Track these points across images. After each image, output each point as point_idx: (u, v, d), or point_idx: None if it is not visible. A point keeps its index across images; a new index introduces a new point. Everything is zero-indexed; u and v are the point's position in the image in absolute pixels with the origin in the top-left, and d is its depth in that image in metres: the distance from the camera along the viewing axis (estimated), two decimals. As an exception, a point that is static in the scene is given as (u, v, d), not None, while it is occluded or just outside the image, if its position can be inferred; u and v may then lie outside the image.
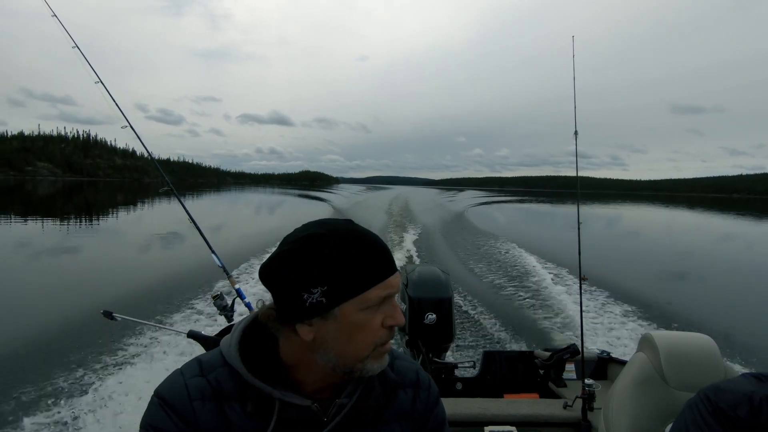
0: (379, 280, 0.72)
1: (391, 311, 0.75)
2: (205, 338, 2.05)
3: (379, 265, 0.73)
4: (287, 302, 0.72)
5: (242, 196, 57.36)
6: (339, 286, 0.70)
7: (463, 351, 5.02)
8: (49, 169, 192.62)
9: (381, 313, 0.74)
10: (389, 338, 0.76)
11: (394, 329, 0.77)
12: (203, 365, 0.78)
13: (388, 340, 0.76)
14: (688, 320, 6.64)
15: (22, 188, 58.96)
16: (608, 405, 1.41)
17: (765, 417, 0.77)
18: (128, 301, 6.68)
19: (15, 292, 7.62)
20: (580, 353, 2.52)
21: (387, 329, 0.75)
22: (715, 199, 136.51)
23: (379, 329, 0.74)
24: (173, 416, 0.73)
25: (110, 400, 3.66)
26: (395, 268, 0.76)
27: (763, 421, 0.77)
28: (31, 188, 59.63)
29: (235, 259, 8.94)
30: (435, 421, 0.91)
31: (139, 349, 4.63)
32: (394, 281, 0.74)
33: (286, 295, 0.72)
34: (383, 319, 0.74)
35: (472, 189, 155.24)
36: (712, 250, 17.41)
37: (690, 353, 1.40)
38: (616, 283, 8.47)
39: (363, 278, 0.71)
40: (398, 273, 0.76)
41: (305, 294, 0.70)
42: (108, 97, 2.73)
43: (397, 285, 0.75)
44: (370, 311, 0.72)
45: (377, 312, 0.73)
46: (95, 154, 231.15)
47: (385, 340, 0.76)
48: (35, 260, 10.80)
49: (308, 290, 0.70)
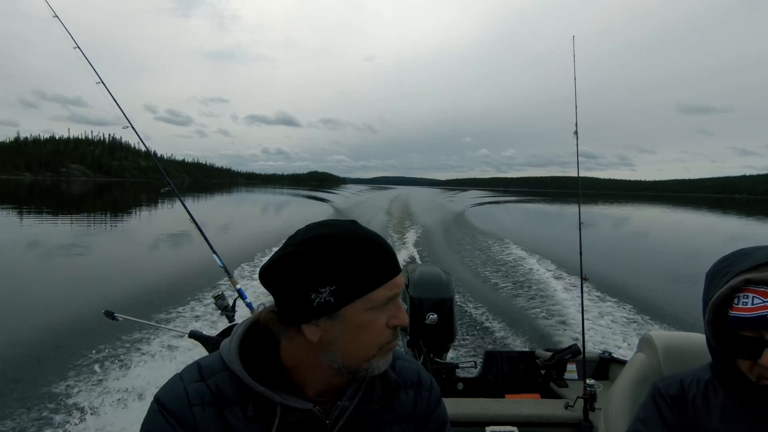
0: (386, 280, 0.73)
1: (395, 311, 0.75)
2: (206, 338, 2.05)
3: (385, 266, 0.74)
4: (294, 303, 0.72)
5: (250, 197, 57.67)
6: (347, 286, 0.70)
7: (465, 351, 5.02)
8: (81, 171, 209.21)
9: (386, 313, 0.74)
10: (394, 338, 0.77)
11: (398, 329, 0.77)
12: (203, 370, 0.77)
13: (393, 340, 0.77)
14: (688, 321, 6.62)
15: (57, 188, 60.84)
16: (608, 406, 1.41)
17: (692, 394, 0.95)
18: (130, 301, 6.69)
19: (16, 292, 7.64)
20: (582, 353, 2.51)
21: (391, 329, 0.75)
22: (716, 200, 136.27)
23: (384, 329, 0.74)
24: (173, 422, 0.72)
25: (111, 400, 3.66)
26: (400, 268, 0.77)
27: (690, 398, 0.94)
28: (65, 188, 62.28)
29: (236, 259, 8.96)
30: (436, 422, 0.91)
31: (141, 349, 4.63)
32: (400, 281, 0.75)
33: (293, 296, 0.71)
34: (388, 319, 0.74)
35: (476, 189, 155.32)
36: (714, 251, 17.35)
37: (689, 354, 1.40)
38: (617, 284, 8.47)
39: (370, 278, 0.72)
40: (402, 273, 0.77)
41: (313, 294, 0.70)
42: (109, 97, 2.73)
43: (402, 285, 0.76)
44: (375, 311, 0.73)
45: (382, 312, 0.74)
46: (121, 156, 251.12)
47: (390, 340, 0.76)
48: (39, 260, 10.83)
49: (316, 290, 0.69)
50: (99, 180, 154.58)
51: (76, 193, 50.21)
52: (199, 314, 5.83)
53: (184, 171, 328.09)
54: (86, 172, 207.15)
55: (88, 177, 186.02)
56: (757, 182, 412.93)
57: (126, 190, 58.73)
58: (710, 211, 49.38)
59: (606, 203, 63.74)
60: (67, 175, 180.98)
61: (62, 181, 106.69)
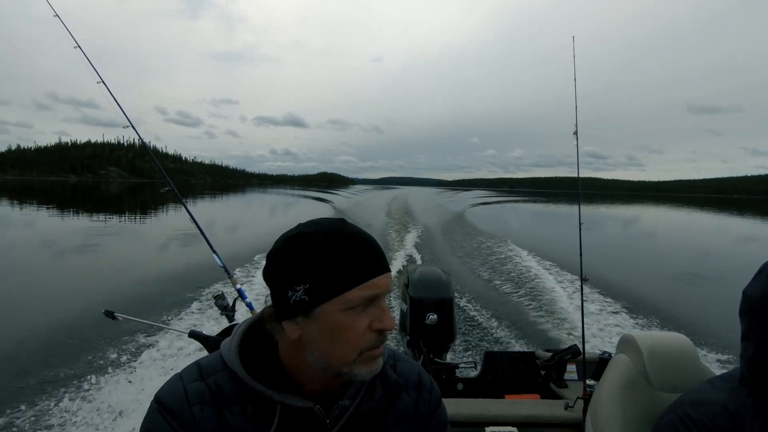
0: (362, 281, 0.70)
1: (378, 314, 0.72)
2: (206, 338, 2.05)
3: (362, 265, 0.71)
4: (275, 299, 0.73)
5: (258, 197, 57.74)
6: (320, 285, 0.69)
7: (465, 351, 5.02)
8: (118, 173, 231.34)
9: (368, 315, 0.71)
10: (378, 343, 0.73)
11: (384, 334, 0.73)
12: (203, 369, 0.78)
13: (377, 345, 0.73)
14: (690, 321, 6.62)
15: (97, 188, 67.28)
16: (595, 409, 1.41)
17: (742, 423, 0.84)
18: (130, 300, 6.70)
19: (17, 292, 7.63)
20: (582, 354, 2.51)
21: (375, 333, 0.72)
22: (716, 200, 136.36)
23: (366, 332, 0.71)
24: (172, 422, 0.72)
25: (111, 399, 3.66)
26: (384, 269, 0.73)
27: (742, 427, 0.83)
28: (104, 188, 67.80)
29: (237, 259, 8.96)
30: (437, 423, 0.91)
31: (141, 348, 4.63)
32: (381, 282, 0.71)
33: (274, 292, 0.73)
34: (371, 322, 0.71)
35: (479, 189, 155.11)
36: (714, 251, 17.36)
37: (670, 354, 1.40)
38: (617, 284, 8.47)
39: (344, 278, 0.69)
40: (388, 274, 0.73)
41: (290, 291, 0.70)
42: (110, 97, 2.73)
43: (386, 286, 0.72)
44: (354, 312, 0.70)
45: (363, 314, 0.71)
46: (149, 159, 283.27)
47: (373, 345, 0.72)
48: (41, 259, 10.82)
49: (292, 287, 0.70)
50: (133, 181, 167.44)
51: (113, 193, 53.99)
52: (200, 314, 5.83)
53: (206, 173, 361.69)
54: (122, 174, 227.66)
55: (123, 178, 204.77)
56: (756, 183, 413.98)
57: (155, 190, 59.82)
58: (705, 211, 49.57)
59: (606, 203, 63.72)
60: (105, 177, 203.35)
61: (102, 182, 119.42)
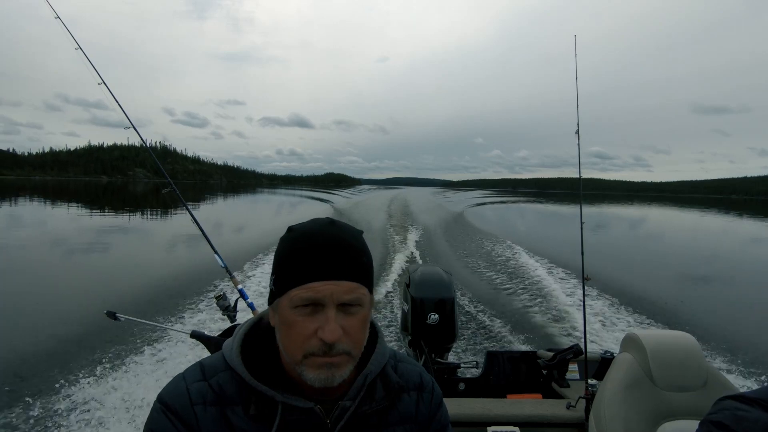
0: (301, 282, 0.71)
1: (322, 322, 0.70)
2: (208, 338, 2.06)
3: (304, 267, 0.71)
4: None
5: (262, 197, 57.86)
6: (278, 279, 0.75)
7: (466, 351, 5.01)
8: (144, 174, 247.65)
9: (316, 321, 0.70)
10: (321, 352, 0.70)
11: (330, 346, 0.70)
12: (205, 369, 0.79)
13: (320, 354, 0.70)
14: (689, 321, 6.61)
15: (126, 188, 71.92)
16: (598, 408, 1.40)
17: None
18: (131, 301, 6.70)
19: (20, 293, 7.64)
20: (583, 353, 2.51)
21: (319, 341, 0.70)
22: (714, 200, 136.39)
23: (311, 337, 0.70)
24: (175, 421, 0.73)
25: (113, 400, 3.65)
26: (330, 276, 0.71)
27: None
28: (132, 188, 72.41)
29: (238, 259, 8.97)
30: (438, 424, 0.91)
31: (143, 349, 4.63)
32: (321, 288, 0.70)
33: None
34: (317, 329, 0.70)
35: (482, 189, 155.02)
36: (712, 251, 17.34)
37: (675, 353, 1.39)
38: (618, 284, 8.46)
39: (289, 276, 0.73)
40: (339, 283, 0.71)
41: (270, 281, 0.78)
42: (111, 98, 2.74)
43: (328, 294, 0.70)
44: (300, 313, 0.71)
45: (311, 318, 0.71)
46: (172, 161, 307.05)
47: (317, 352, 0.70)
48: (46, 259, 10.82)
49: (271, 278, 0.78)
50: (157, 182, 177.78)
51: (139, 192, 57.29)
52: (201, 314, 5.83)
53: (222, 173, 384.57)
54: (147, 175, 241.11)
55: (149, 179, 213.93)
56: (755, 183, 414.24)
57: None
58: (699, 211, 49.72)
59: (605, 204, 63.66)
60: (133, 178, 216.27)
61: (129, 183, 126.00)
